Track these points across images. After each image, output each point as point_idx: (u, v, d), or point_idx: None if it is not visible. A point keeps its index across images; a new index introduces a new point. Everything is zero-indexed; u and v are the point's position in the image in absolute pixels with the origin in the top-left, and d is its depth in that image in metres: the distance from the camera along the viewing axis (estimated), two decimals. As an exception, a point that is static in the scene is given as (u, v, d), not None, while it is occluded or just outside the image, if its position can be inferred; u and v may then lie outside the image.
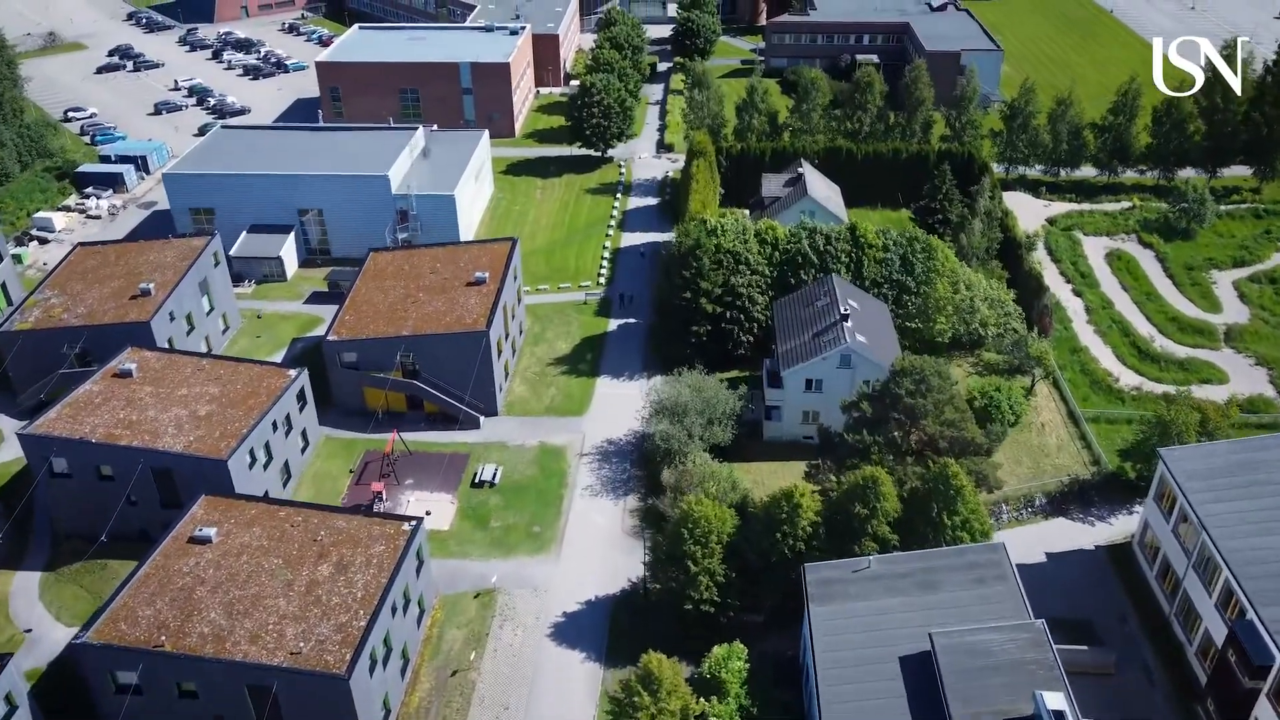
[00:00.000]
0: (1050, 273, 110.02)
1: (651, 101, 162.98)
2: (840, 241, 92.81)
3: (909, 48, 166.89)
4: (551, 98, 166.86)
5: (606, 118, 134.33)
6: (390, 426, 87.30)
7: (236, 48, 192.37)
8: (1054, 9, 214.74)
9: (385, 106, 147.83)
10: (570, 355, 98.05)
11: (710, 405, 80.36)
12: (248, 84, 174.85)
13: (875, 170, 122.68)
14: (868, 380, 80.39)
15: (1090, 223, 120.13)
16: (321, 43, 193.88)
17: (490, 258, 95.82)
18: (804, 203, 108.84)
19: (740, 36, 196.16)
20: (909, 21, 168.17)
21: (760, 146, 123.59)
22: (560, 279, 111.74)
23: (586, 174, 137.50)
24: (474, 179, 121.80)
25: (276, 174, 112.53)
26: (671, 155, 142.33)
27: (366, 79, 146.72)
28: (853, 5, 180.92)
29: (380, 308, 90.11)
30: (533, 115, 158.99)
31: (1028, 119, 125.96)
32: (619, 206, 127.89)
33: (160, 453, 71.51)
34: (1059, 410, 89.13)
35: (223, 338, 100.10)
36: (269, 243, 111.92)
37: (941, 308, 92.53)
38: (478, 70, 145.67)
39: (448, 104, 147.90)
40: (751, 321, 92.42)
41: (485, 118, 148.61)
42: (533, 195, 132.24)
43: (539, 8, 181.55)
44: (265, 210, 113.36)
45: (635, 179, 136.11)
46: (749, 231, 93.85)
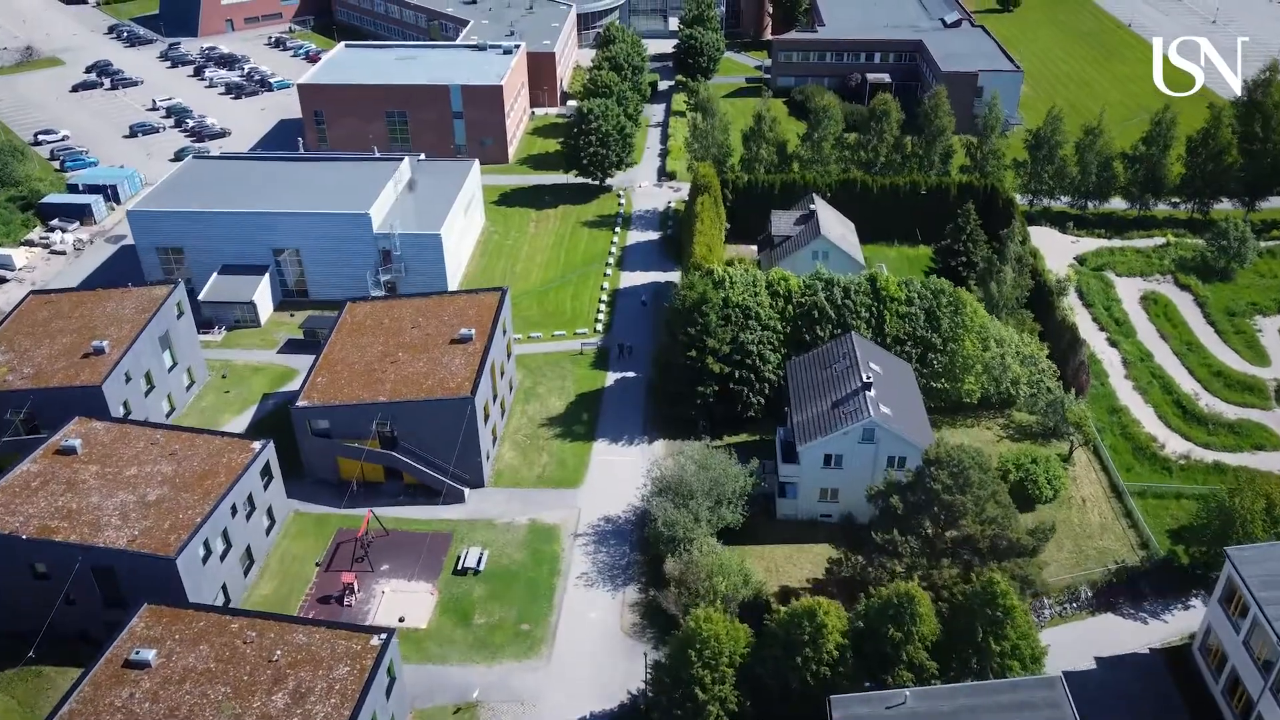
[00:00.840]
0: (1082, 318, 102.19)
1: (652, 124, 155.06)
2: (860, 294, 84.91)
3: (923, 67, 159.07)
4: (548, 119, 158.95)
5: (605, 145, 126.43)
6: (366, 498, 79.58)
7: (219, 64, 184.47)
8: (1067, 23, 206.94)
9: (371, 131, 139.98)
10: (564, 415, 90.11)
11: (718, 484, 72.48)
12: (229, 103, 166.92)
13: (892, 204, 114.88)
14: (893, 457, 72.74)
15: (1122, 262, 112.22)
16: (308, 58, 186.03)
17: (477, 310, 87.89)
18: (817, 243, 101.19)
19: (744, 52, 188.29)
20: (922, 39, 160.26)
21: (768, 179, 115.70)
22: (554, 325, 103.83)
23: (583, 204, 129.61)
24: (463, 213, 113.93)
25: (250, 212, 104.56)
26: (674, 184, 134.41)
27: (351, 102, 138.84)
28: (862, 21, 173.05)
29: (356, 368, 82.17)
30: (527, 139, 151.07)
31: (1054, 149, 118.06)
32: (618, 241, 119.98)
33: (101, 550, 63.58)
34: (1100, 482, 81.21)
35: (187, 395, 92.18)
36: (241, 285, 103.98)
37: (970, 366, 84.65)
38: (469, 93, 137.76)
39: (438, 128, 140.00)
40: (763, 382, 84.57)
41: (477, 143, 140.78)
42: (526, 228, 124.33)
43: (535, 24, 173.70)
44: (238, 249, 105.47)
45: (635, 210, 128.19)
46: (759, 283, 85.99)
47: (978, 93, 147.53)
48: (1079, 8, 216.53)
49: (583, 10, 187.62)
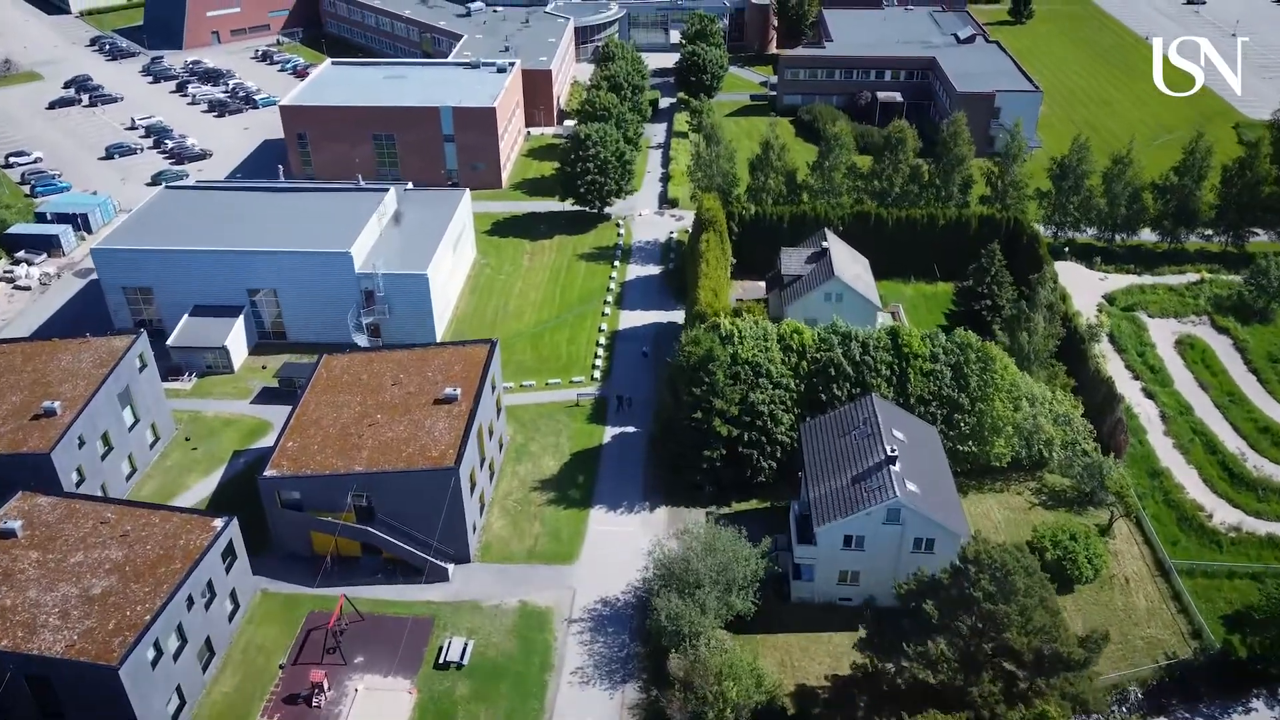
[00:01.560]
0: (1114, 365, 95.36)
1: (653, 145, 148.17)
2: (880, 350, 77.97)
3: (936, 85, 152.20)
4: (544, 139, 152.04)
5: (603, 173, 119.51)
6: (341, 575, 72.73)
7: (204, 79, 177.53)
8: (1083, 36, 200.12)
9: (357, 155, 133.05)
10: (559, 476, 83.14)
11: (726, 570, 65.56)
12: (212, 122, 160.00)
13: (908, 238, 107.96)
14: (920, 539, 65.88)
15: (1154, 301, 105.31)
16: (296, 73, 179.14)
17: (464, 365, 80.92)
18: (830, 284, 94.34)
19: (748, 67, 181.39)
20: (935, 57, 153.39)
21: (777, 211, 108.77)
22: (549, 372, 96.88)
23: (581, 234, 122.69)
24: (452, 249, 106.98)
25: (223, 250, 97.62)
26: (676, 212, 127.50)
27: (336, 124, 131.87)
28: (872, 37, 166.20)
29: (331, 431, 75.20)
30: (522, 161, 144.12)
31: (1080, 179, 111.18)
32: (617, 276, 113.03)
33: (35, 658, 56.61)
34: (1144, 558, 74.29)
35: (151, 453, 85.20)
36: (214, 329, 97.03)
37: (1000, 428, 77.73)
38: (460, 116, 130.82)
39: (427, 152, 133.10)
40: (774, 444, 77.65)
41: (469, 167, 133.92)
42: (520, 261, 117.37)
43: (531, 38, 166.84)
44: (211, 289, 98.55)
45: (635, 241, 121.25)
46: (770, 336, 79.04)
47: (995, 113, 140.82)
48: (1094, 21, 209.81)
49: (581, 24, 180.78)
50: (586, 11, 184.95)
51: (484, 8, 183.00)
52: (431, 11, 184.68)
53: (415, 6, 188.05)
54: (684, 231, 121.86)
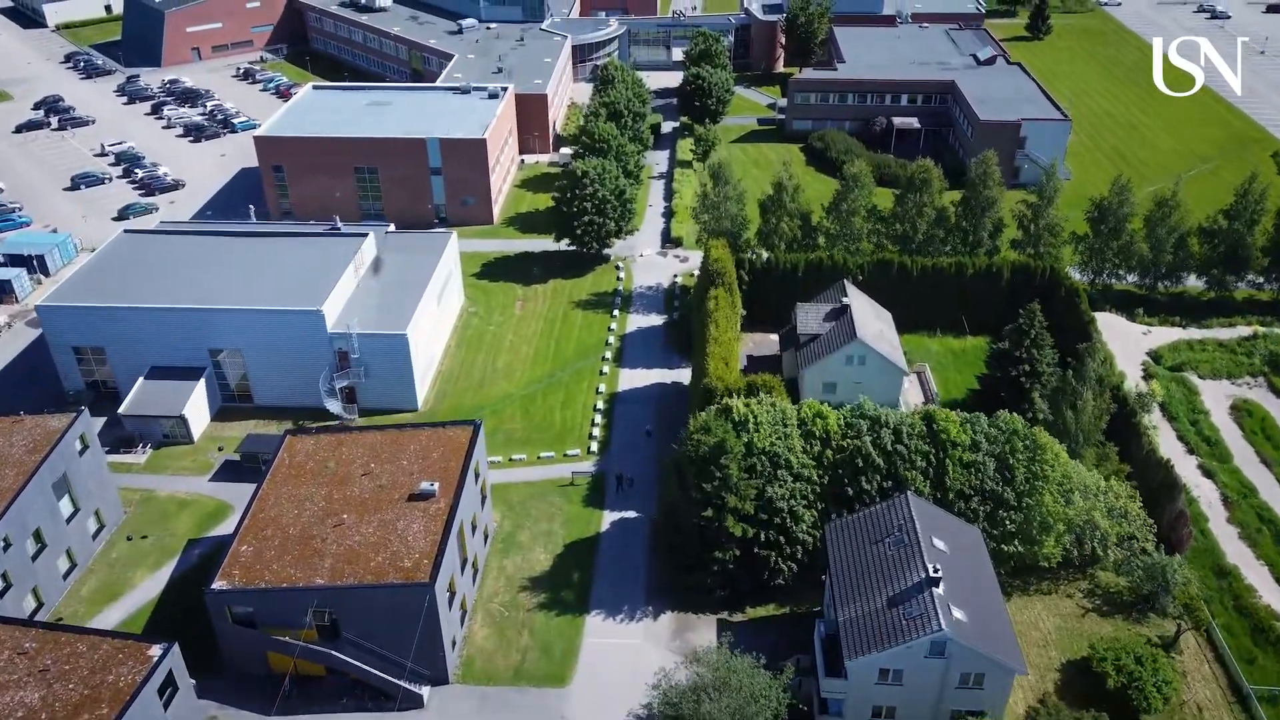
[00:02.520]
0: (1165, 435, 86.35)
1: (655, 174, 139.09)
2: (915, 438, 68.88)
3: (955, 111, 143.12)
4: (539, 168, 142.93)
5: (601, 213, 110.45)
6: (302, 700, 63.71)
7: (181, 100, 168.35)
8: (1104, 54, 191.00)
9: (338, 189, 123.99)
10: (551, 573, 74.03)
11: (742, 711, 56.48)
12: (186, 148, 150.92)
13: (934, 288, 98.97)
14: (968, 674, 56.82)
15: (1204, 359, 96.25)
16: (279, 93, 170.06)
17: (444, 451, 71.78)
18: (852, 347, 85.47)
19: (755, 88, 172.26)
20: (954, 80, 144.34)
21: (791, 258, 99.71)
22: (541, 442, 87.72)
23: (577, 278, 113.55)
24: (436, 300, 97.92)
25: (182, 308, 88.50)
26: (679, 252, 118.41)
27: (315, 156, 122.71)
28: (886, 57, 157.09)
29: (290, 533, 66.07)
30: (515, 193, 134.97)
31: (1121, 222, 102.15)
32: (616, 328, 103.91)
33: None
34: (1217, 680, 65.21)
35: (93, 544, 76.07)
36: (171, 394, 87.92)
37: (1050, 526, 68.65)
38: (448, 147, 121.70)
39: (413, 186, 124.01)
40: (794, 544, 68.60)
41: (458, 202, 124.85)
42: (511, 308, 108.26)
43: (525, 58, 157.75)
44: (169, 350, 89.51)
45: (636, 285, 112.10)
46: (790, 421, 69.94)
47: (1020, 143, 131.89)
48: (1115, 37, 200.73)
49: (579, 42, 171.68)
50: (585, 29, 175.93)
51: (477, 25, 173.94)
52: (422, 29, 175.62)
53: (405, 23, 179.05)
54: (688, 275, 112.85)
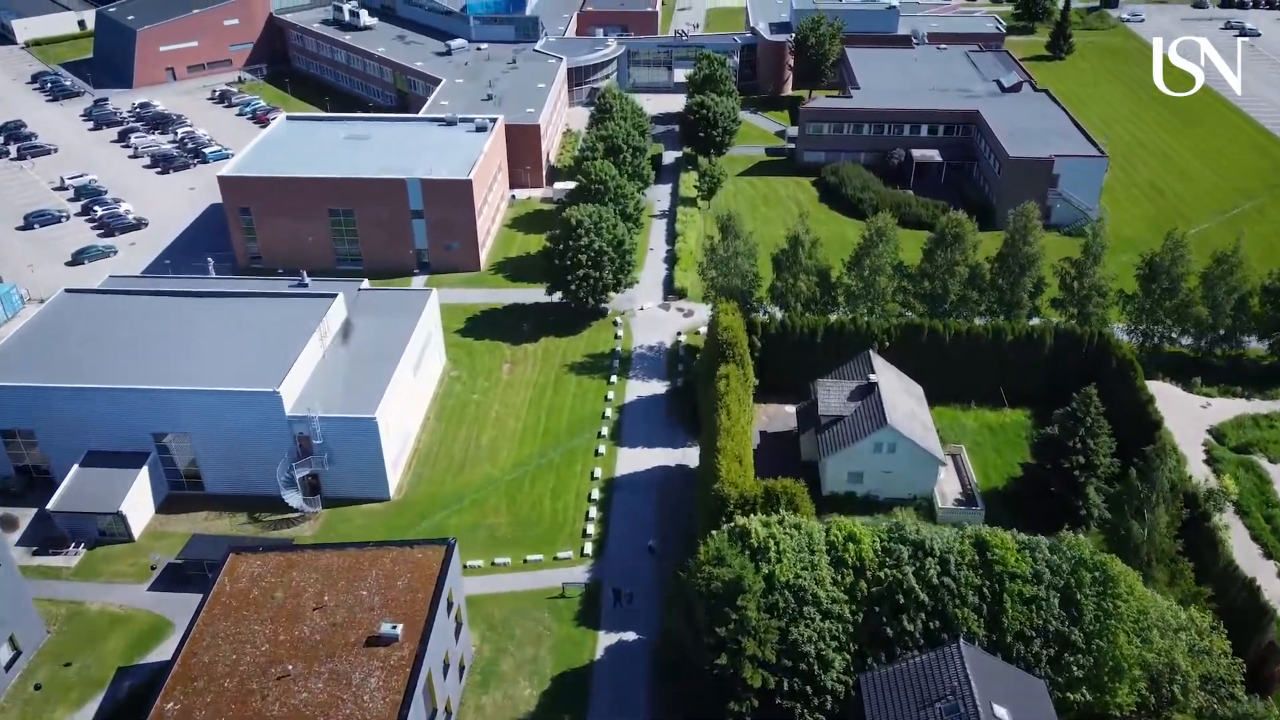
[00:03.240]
0: (1237, 533, 75.99)
1: (657, 212, 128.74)
2: (965, 568, 58.53)
3: (979, 143, 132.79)
4: (531, 204, 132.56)
5: (597, 266, 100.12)
6: None
7: (151, 125, 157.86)
8: (1129, 74, 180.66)
9: (310, 233, 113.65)
10: (536, 714, 63.61)
11: None
12: (154, 180, 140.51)
13: (969, 356, 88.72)
14: None
15: (1273, 439, 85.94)
16: (256, 118, 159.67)
17: (411, 577, 61.30)
18: (881, 435, 75.64)
19: (762, 113, 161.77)
20: (979, 109, 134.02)
21: (809, 322, 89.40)
22: (528, 542, 77.30)
23: (571, 335, 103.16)
24: (413, 370, 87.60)
25: (121, 389, 78.05)
26: (683, 304, 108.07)
27: (285, 198, 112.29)
28: (904, 83, 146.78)
29: (225, 686, 55.60)
30: (504, 234, 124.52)
31: (1176, 282, 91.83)
32: (614, 396, 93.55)
33: None
34: None
35: (7, 676, 65.65)
36: (109, 486, 77.45)
37: (1125, 671, 58.29)
38: (431, 189, 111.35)
39: (392, 230, 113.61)
40: (822, 694, 58.17)
41: (441, 246, 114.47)
42: (498, 371, 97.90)
43: (518, 82, 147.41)
44: (108, 433, 79.13)
45: (636, 344, 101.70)
46: (818, 547, 59.55)
47: (1053, 181, 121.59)
48: (1139, 55, 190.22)
49: (575, 64, 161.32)
50: (581, 50, 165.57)
51: (466, 46, 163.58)
52: (408, 49, 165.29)
53: (390, 43, 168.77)
54: (693, 332, 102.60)
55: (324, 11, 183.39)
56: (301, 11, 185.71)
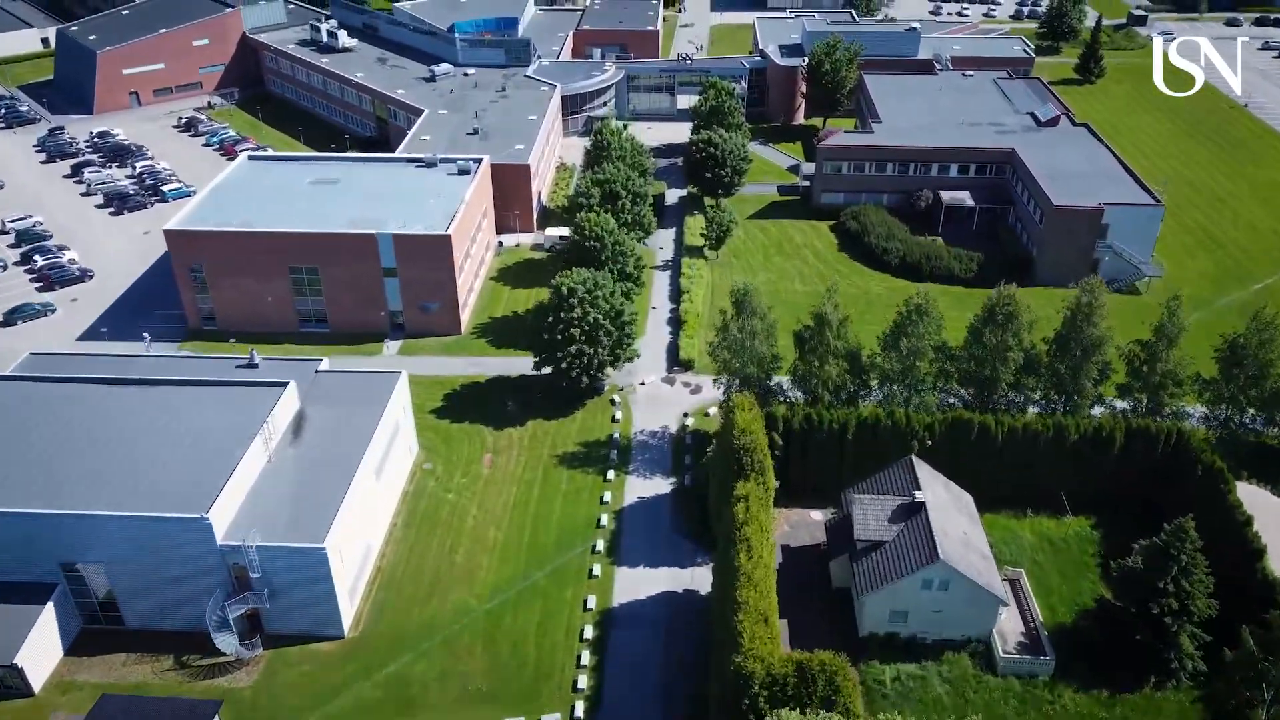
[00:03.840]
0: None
1: (659, 263, 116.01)
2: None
3: (1015, 187, 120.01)
4: (520, 253, 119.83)
5: (593, 340, 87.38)
6: None
7: (109, 157, 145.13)
8: (1168, 101, 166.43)
9: (270, 293, 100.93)
10: None
11: None
12: (106, 222, 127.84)
13: (1025, 455, 76.10)
14: None
15: (1387, 558, 73.14)
16: (223, 150, 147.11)
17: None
18: (932, 571, 63.30)
19: (772, 144, 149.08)
20: (1014, 148, 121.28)
21: (838, 416, 76.64)
22: (508, 698, 64.32)
23: (562, 417, 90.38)
24: (376, 473, 74.80)
25: (19, 513, 65.18)
26: (690, 379, 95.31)
27: (241, 255, 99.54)
28: (929, 115, 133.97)
29: None
30: (489, 289, 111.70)
31: (1266, 367, 79.01)
32: (611, 498, 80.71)
33: None
34: None
35: None
36: (3, 632, 64.62)
37: None
38: (405, 246, 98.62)
39: (362, 289, 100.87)
40: None
41: (417, 308, 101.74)
42: (477, 463, 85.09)
43: (507, 114, 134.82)
44: (6, 562, 66.28)
45: (637, 430, 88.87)
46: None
47: (1101, 232, 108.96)
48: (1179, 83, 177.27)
49: (570, 92, 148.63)
50: (576, 75, 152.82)
51: (452, 71, 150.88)
52: (389, 74, 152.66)
53: (371, 66, 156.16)
54: (701, 413, 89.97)
55: (301, 31, 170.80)
56: (277, 31, 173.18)
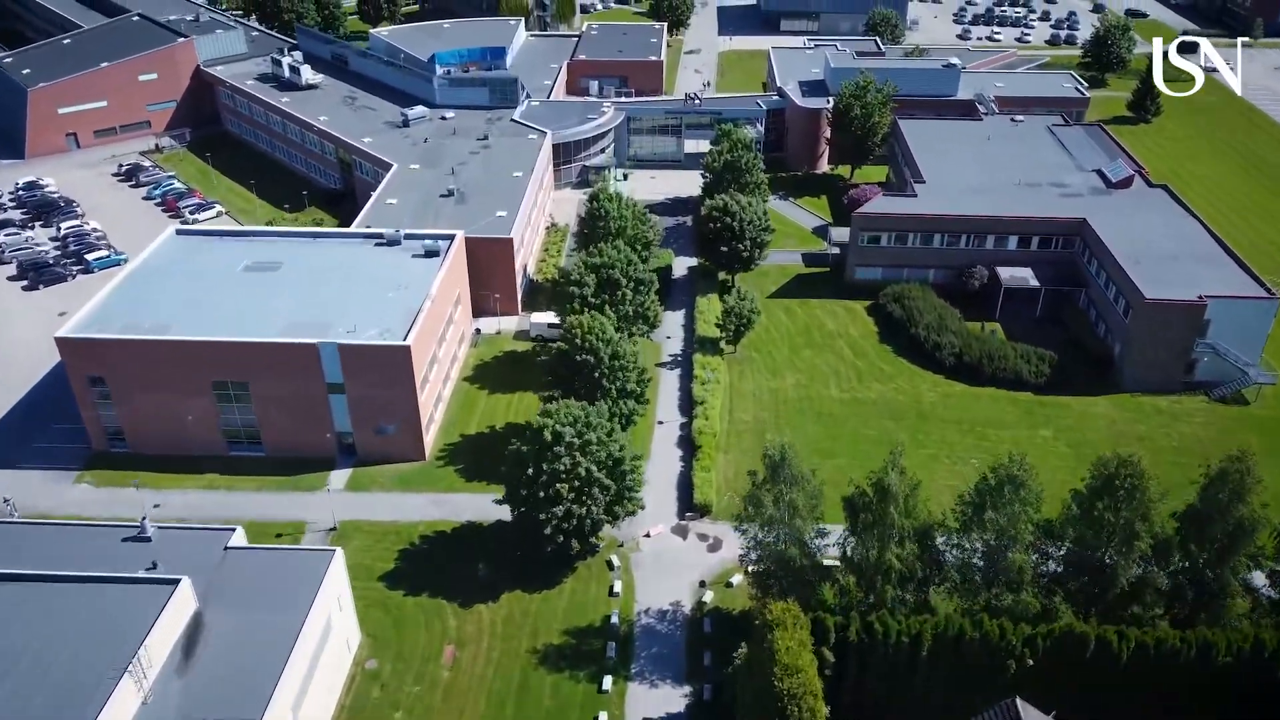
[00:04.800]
0: None
1: (666, 358, 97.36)
2: None
3: (1089, 264, 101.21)
4: (501, 342, 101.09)
5: (583, 496, 68.44)
6: None
7: (33, 214, 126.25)
8: (1236, 144, 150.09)
9: (191, 411, 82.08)
10: None
11: None
12: (18, 301, 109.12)
13: (1155, 675, 57.31)
14: None
15: None
16: (165, 205, 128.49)
17: None
18: None
19: (793, 199, 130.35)
20: (1086, 219, 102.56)
21: (907, 626, 57.83)
22: None
23: (546, 590, 71.42)
24: (292, 709, 55.85)
25: None
26: (707, 530, 76.44)
27: (151, 367, 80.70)
28: (977, 172, 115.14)
29: None
30: (462, 394, 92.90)
31: None
32: (609, 713, 61.82)
33: None
34: None
35: None
36: None
37: None
38: (354, 358, 79.80)
39: (302, 408, 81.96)
40: None
41: (371, 429, 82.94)
42: (436, 660, 66.17)
43: (488, 168, 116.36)
44: None
45: (640, 608, 69.86)
46: None
47: (1200, 330, 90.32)
48: (1243, 120, 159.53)
49: (562, 139, 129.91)
50: (570, 118, 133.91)
51: (427, 115, 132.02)
52: (356, 117, 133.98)
53: (337, 107, 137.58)
54: (723, 582, 71.17)
55: (262, 63, 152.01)
56: (236, 63, 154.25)
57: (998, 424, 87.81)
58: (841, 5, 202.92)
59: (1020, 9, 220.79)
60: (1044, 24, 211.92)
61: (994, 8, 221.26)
